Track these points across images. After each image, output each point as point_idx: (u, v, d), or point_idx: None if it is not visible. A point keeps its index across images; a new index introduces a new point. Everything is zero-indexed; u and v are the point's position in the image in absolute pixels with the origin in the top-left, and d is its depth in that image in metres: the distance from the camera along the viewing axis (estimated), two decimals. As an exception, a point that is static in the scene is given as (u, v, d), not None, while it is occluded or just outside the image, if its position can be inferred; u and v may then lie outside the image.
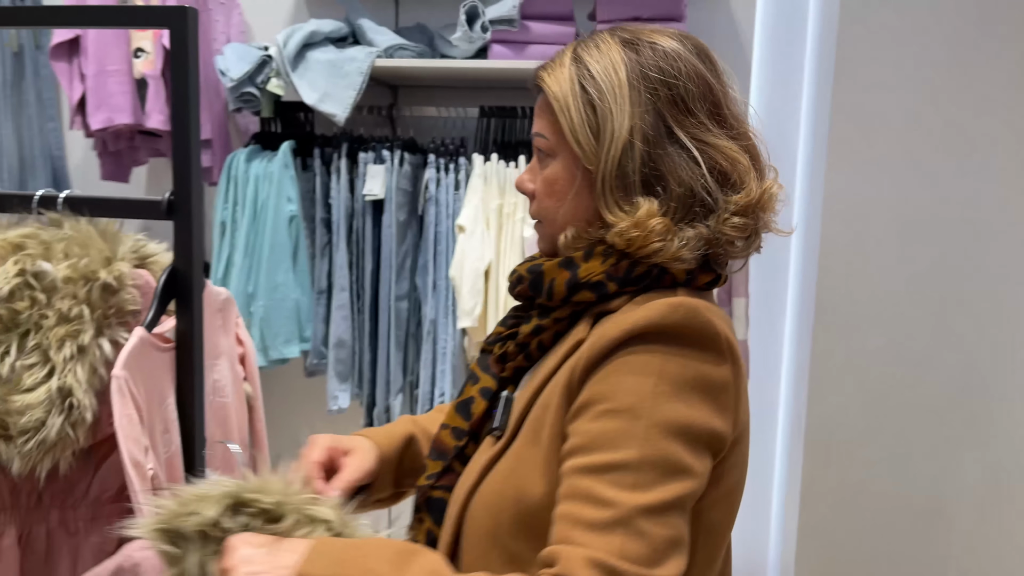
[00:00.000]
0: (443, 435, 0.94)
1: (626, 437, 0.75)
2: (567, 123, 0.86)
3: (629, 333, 0.79)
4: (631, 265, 0.85)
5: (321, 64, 2.17)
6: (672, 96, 0.85)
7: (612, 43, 0.87)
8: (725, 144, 0.86)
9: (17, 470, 0.91)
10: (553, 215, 0.90)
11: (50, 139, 2.68)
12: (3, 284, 0.94)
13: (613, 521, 0.72)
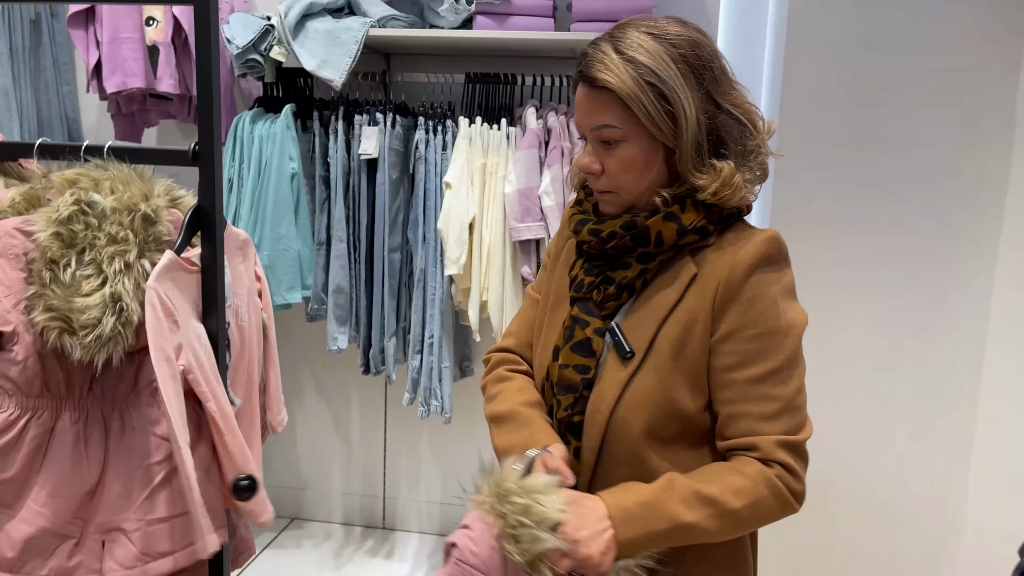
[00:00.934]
0: (566, 372, 1.10)
1: (773, 351, 1.03)
2: (645, 115, 1.02)
3: (752, 266, 1.04)
4: (720, 210, 1.07)
5: (319, 33, 2.36)
6: (712, 76, 1.05)
7: (648, 39, 1.04)
8: (744, 100, 1.08)
9: (78, 357, 1.12)
10: (633, 187, 1.08)
11: (65, 102, 2.86)
12: (63, 210, 1.15)
13: (780, 410, 1.03)
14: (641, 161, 1.07)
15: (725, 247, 1.07)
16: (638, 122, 1.04)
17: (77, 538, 1.19)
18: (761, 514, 1.03)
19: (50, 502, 1.16)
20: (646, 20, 1.08)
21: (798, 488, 1.03)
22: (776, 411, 1.03)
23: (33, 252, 1.15)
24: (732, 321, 1.04)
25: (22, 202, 1.23)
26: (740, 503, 1.00)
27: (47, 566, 1.16)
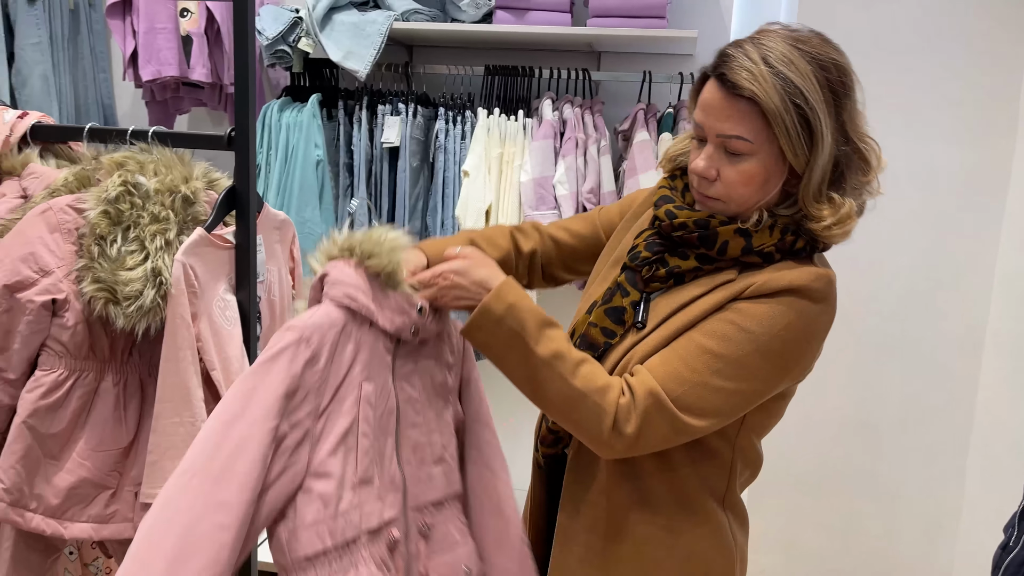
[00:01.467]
0: (592, 332, 1.13)
1: (735, 344, 1.02)
2: (784, 136, 0.99)
3: (787, 286, 1.02)
4: (795, 240, 1.05)
5: (345, 26, 2.46)
6: (849, 106, 1.02)
7: (796, 54, 0.99)
8: (868, 135, 1.05)
9: (121, 326, 1.23)
10: (745, 201, 1.05)
11: (102, 89, 2.98)
12: (111, 190, 1.25)
13: (687, 379, 1.01)
14: (762, 178, 1.04)
15: (777, 267, 1.05)
16: (773, 140, 1.00)
17: (114, 489, 1.30)
18: (578, 411, 1.02)
19: (91, 456, 1.27)
20: (791, 31, 1.03)
21: (624, 428, 1.01)
22: (682, 376, 1.02)
23: (83, 228, 1.26)
24: (734, 308, 1.05)
25: (74, 181, 1.34)
26: (577, 383, 1.02)
27: (87, 513, 1.28)
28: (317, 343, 1.02)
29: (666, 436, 1.04)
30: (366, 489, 1.05)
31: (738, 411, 1.07)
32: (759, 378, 1.04)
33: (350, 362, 1.05)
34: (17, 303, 1.21)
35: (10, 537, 1.28)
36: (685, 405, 1.02)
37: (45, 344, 1.25)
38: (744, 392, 1.04)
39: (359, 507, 1.04)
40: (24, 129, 1.42)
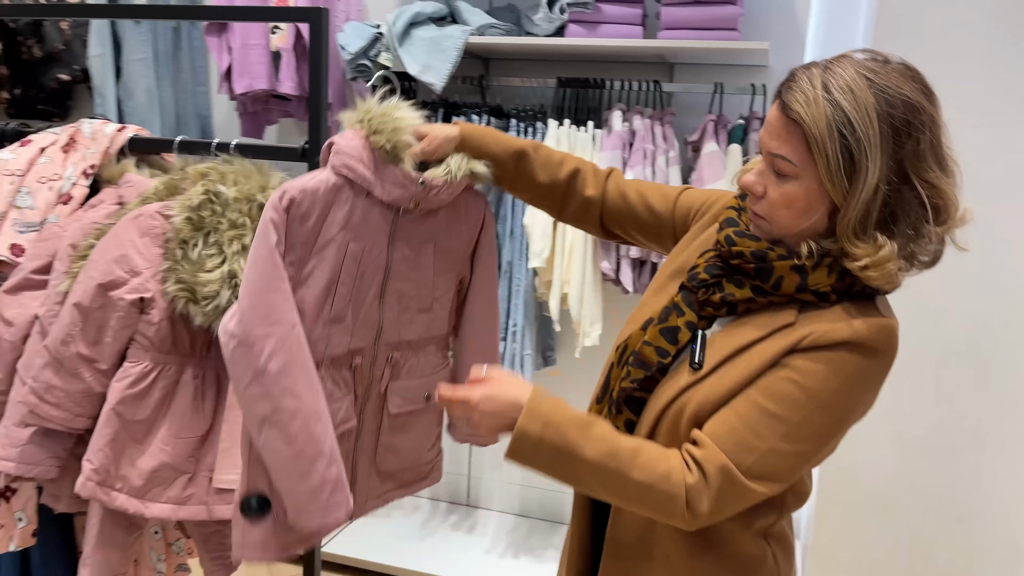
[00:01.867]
0: (647, 351, 1.12)
1: (798, 408, 1.00)
2: (823, 163, 0.96)
3: (845, 340, 1.00)
4: (853, 282, 1.02)
5: (423, 40, 2.55)
6: (914, 148, 0.96)
7: (863, 87, 0.96)
8: (944, 185, 0.98)
9: (199, 323, 1.34)
10: (787, 225, 1.04)
11: (200, 101, 3.18)
12: (194, 198, 1.36)
13: (756, 447, 1.00)
14: (804, 204, 1.02)
15: (836, 314, 1.03)
16: (815, 165, 0.98)
17: (191, 473, 1.41)
18: (648, 503, 1.03)
19: (172, 442, 1.39)
20: (873, 59, 1.01)
21: (698, 508, 1.01)
22: (751, 444, 1.01)
23: (169, 233, 1.37)
24: (789, 361, 1.03)
25: (164, 190, 1.46)
26: (639, 476, 1.01)
27: (166, 495, 1.39)
28: (307, 204, 1.20)
29: (737, 506, 1.04)
30: (337, 326, 1.27)
31: (804, 469, 1.07)
32: (823, 435, 1.03)
33: (342, 224, 1.23)
34: (110, 300, 1.33)
35: (97, 514, 1.40)
36: (756, 475, 1.01)
37: (133, 338, 1.37)
38: (810, 452, 1.04)
39: (326, 338, 1.26)
40: (123, 142, 1.56)
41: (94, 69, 2.91)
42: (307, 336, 1.21)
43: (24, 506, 1.48)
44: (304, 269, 1.22)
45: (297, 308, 1.20)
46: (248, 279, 1.18)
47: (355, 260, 1.25)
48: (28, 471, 1.37)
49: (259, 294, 1.16)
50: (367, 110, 1.23)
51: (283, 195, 1.18)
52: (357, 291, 1.27)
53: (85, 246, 1.39)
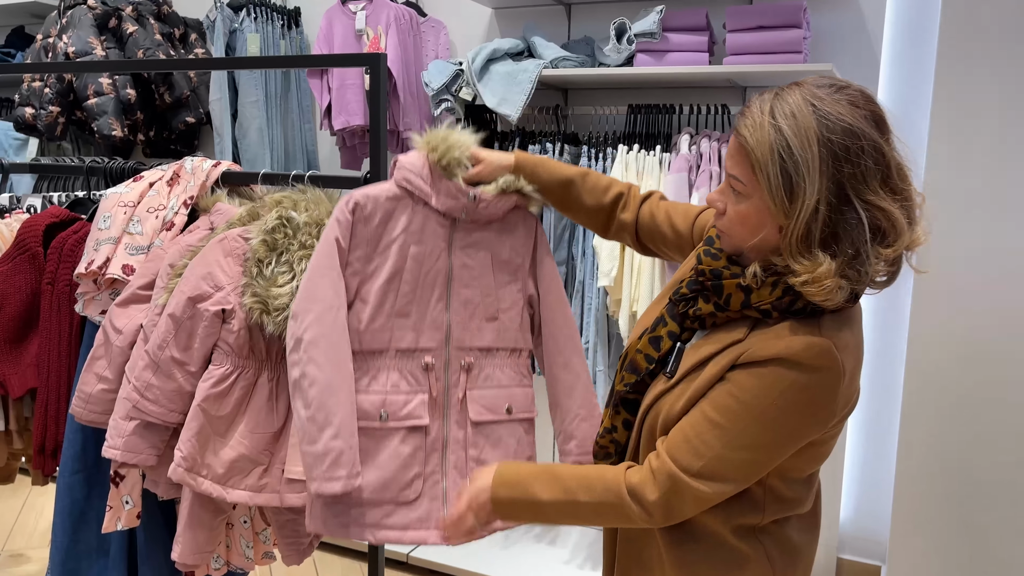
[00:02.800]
0: (638, 358, 1.24)
1: (740, 418, 1.09)
2: (765, 183, 1.03)
3: (776, 356, 1.06)
4: (794, 300, 1.08)
5: (500, 75, 2.73)
6: (854, 172, 1.01)
7: (806, 112, 1.02)
8: (889, 207, 1.02)
9: (270, 331, 1.53)
10: (741, 239, 1.12)
11: (307, 138, 3.48)
12: (269, 223, 1.56)
13: (704, 452, 1.10)
14: (755, 222, 1.09)
15: (776, 331, 1.09)
16: (760, 186, 1.05)
17: (266, 465, 1.60)
18: (606, 515, 1.16)
19: (249, 436, 1.58)
20: (822, 86, 1.06)
21: (645, 499, 1.12)
22: (698, 451, 1.10)
23: (248, 253, 1.58)
24: (732, 376, 1.11)
25: (246, 216, 1.67)
26: (586, 498, 1.16)
27: (244, 483, 1.58)
28: (371, 208, 1.41)
29: (695, 503, 1.13)
30: (401, 320, 1.43)
31: (756, 474, 1.13)
32: (766, 446, 1.10)
33: (403, 227, 1.42)
34: (197, 311, 1.55)
35: (188, 498, 1.61)
36: (706, 477, 1.10)
37: (216, 345, 1.57)
38: (756, 460, 1.11)
39: (390, 329, 1.43)
40: (217, 175, 1.79)
41: (214, 112, 3.26)
42: (371, 324, 1.40)
43: (131, 491, 1.71)
44: (370, 265, 1.41)
45: (363, 298, 1.40)
46: (308, 266, 1.40)
47: (417, 261, 1.42)
48: (131, 458, 1.59)
49: (310, 277, 1.38)
50: (434, 135, 1.42)
51: (349, 199, 1.41)
52: (420, 290, 1.43)
53: (181, 265, 1.62)
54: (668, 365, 1.21)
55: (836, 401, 1.09)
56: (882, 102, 1.08)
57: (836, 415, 1.11)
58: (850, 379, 1.10)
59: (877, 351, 2.80)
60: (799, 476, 1.20)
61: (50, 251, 1.84)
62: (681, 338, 1.22)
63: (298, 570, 3.02)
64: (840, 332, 1.09)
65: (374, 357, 1.43)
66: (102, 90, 3.19)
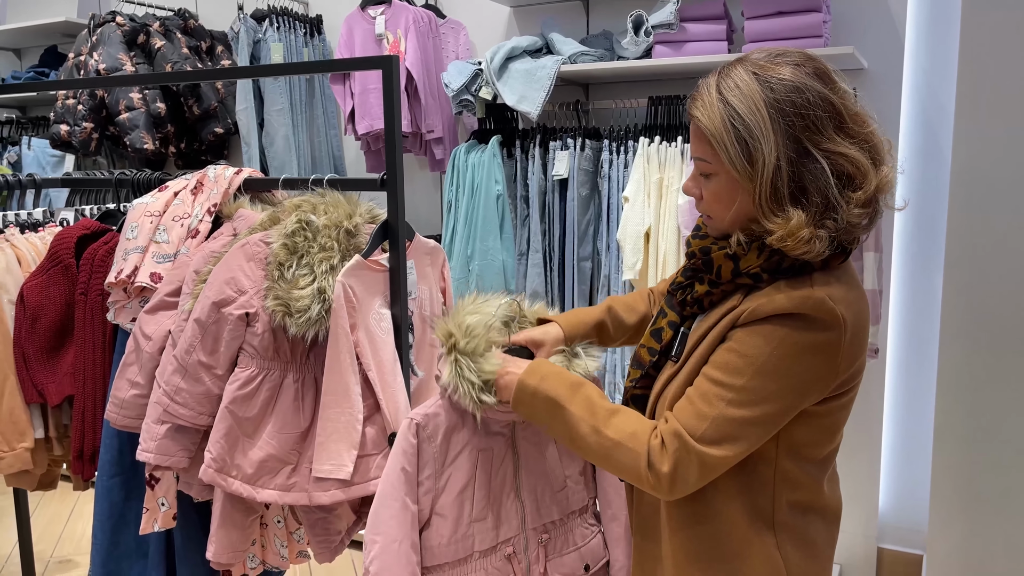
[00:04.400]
0: (641, 352, 1.27)
1: (740, 374, 1.09)
2: (725, 155, 1.08)
3: (772, 312, 1.08)
4: (780, 260, 1.10)
5: (519, 72, 2.74)
6: (805, 123, 1.05)
7: (748, 81, 1.07)
8: (848, 151, 1.06)
9: (293, 333, 1.55)
10: (720, 218, 1.15)
11: (333, 143, 3.52)
12: (289, 227, 1.59)
13: (706, 415, 1.10)
14: (727, 196, 1.13)
15: (769, 291, 1.11)
16: (721, 159, 1.09)
17: (294, 464, 1.62)
18: (615, 458, 1.15)
19: (277, 436, 1.61)
20: (762, 57, 1.11)
21: (660, 469, 1.11)
22: (702, 412, 1.10)
23: (270, 257, 1.61)
24: (729, 338, 1.13)
25: (268, 221, 1.70)
26: (610, 433, 1.15)
27: (273, 483, 1.61)
28: (432, 427, 1.36)
29: (701, 471, 1.11)
30: (480, 524, 1.41)
31: (761, 437, 1.12)
32: (771, 400, 1.09)
33: (467, 439, 1.39)
34: (222, 316, 1.58)
35: (219, 498, 1.65)
36: (710, 440, 1.10)
37: (241, 347, 1.60)
38: (760, 418, 1.10)
39: (472, 536, 1.41)
40: (239, 182, 1.83)
41: (241, 122, 3.32)
42: (453, 535, 1.38)
43: (166, 493, 1.75)
44: (441, 480, 1.38)
45: (440, 512, 1.37)
46: (377, 491, 1.37)
47: (485, 467, 1.41)
48: (164, 461, 1.63)
49: (376, 506, 1.35)
50: (457, 360, 1.33)
51: (410, 422, 1.36)
52: (493, 492, 1.42)
53: (206, 272, 1.65)
54: (672, 350, 1.22)
55: (839, 356, 1.09)
56: (824, 59, 1.12)
57: (839, 373, 1.11)
58: (852, 335, 1.10)
59: (909, 337, 2.75)
60: (810, 456, 1.18)
61: (82, 262, 1.90)
62: (683, 325, 1.23)
63: (336, 570, 3.06)
64: (832, 286, 1.10)
65: (460, 564, 1.41)
66: (133, 105, 3.27)
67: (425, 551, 1.38)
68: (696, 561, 1.21)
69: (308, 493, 1.63)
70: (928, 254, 2.67)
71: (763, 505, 1.18)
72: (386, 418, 1.62)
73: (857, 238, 1.13)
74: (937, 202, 2.62)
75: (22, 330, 1.92)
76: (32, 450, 1.99)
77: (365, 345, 1.61)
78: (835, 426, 1.18)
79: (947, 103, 2.53)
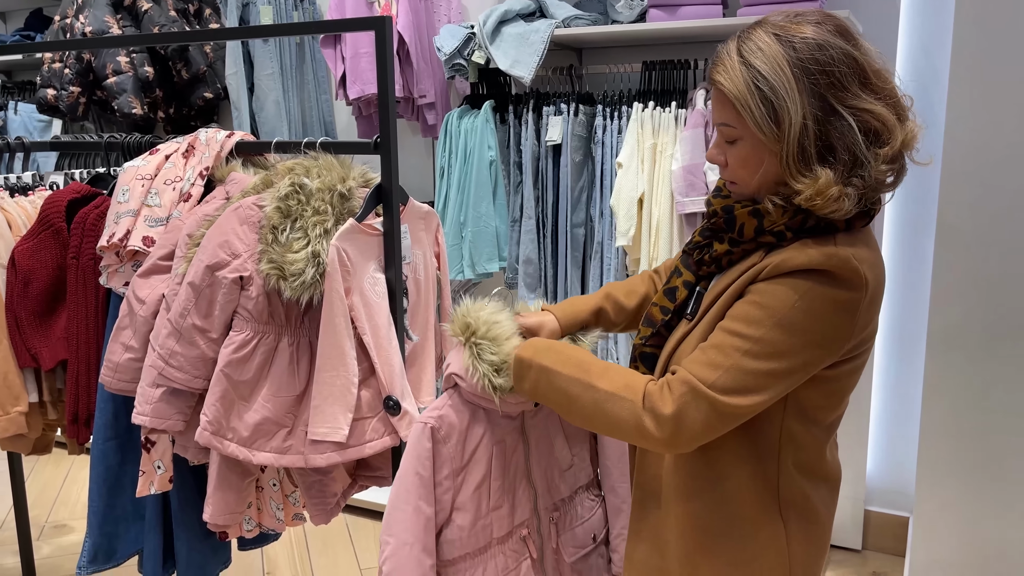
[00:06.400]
0: (653, 311, 1.26)
1: (759, 324, 1.07)
2: (750, 117, 1.06)
3: (796, 267, 1.07)
4: (804, 218, 1.09)
5: (512, 36, 2.71)
6: (830, 80, 1.05)
7: (770, 42, 1.06)
8: (874, 107, 1.06)
9: (287, 296, 1.55)
10: (747, 183, 1.14)
11: (324, 109, 3.49)
12: (282, 190, 1.58)
13: (722, 364, 1.08)
14: (754, 160, 1.11)
15: (794, 247, 1.10)
16: (747, 122, 1.08)
17: (290, 427, 1.63)
18: (611, 410, 1.14)
19: (272, 400, 1.62)
20: (781, 19, 1.11)
21: (660, 410, 1.09)
22: (716, 362, 1.09)
23: (263, 220, 1.60)
24: (750, 291, 1.12)
25: (260, 184, 1.69)
26: (603, 385, 1.15)
27: (269, 445, 1.62)
28: (445, 429, 1.37)
29: (709, 419, 1.09)
30: (497, 512, 1.44)
31: (774, 390, 1.10)
32: (788, 354, 1.08)
33: (480, 435, 1.40)
34: (216, 279, 1.57)
35: (215, 461, 1.66)
36: (722, 388, 1.08)
37: (236, 311, 1.60)
38: (778, 371, 1.08)
39: (490, 525, 1.43)
40: (231, 146, 1.81)
41: (231, 86, 3.28)
42: (473, 527, 1.40)
43: (162, 456, 1.76)
44: (459, 478, 1.39)
45: (459, 507, 1.39)
46: (391, 492, 1.37)
47: (500, 459, 1.43)
48: (160, 424, 1.64)
49: (390, 508, 1.36)
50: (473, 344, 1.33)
51: (424, 427, 1.36)
52: (507, 480, 1.45)
53: (199, 235, 1.64)
54: (688, 308, 1.22)
55: (857, 316, 1.09)
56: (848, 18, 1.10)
57: (855, 335, 1.10)
58: (871, 298, 1.10)
59: (899, 299, 2.77)
60: (816, 419, 1.19)
61: (73, 226, 1.88)
62: (699, 285, 1.23)
63: (331, 533, 3.09)
64: (856, 247, 1.09)
65: (481, 552, 1.43)
66: (121, 68, 3.23)
67: (447, 544, 1.39)
68: (704, 534, 1.21)
69: (304, 456, 1.63)
70: (919, 219, 2.68)
71: (769, 471, 1.18)
72: (381, 382, 1.63)
73: (880, 199, 1.13)
74: (931, 167, 2.62)
75: (14, 294, 1.92)
76: (26, 414, 1.99)
77: (360, 309, 1.62)
78: (843, 391, 1.18)
79: (942, 67, 2.52)
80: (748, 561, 1.20)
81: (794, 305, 1.07)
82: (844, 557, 2.88)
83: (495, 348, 1.31)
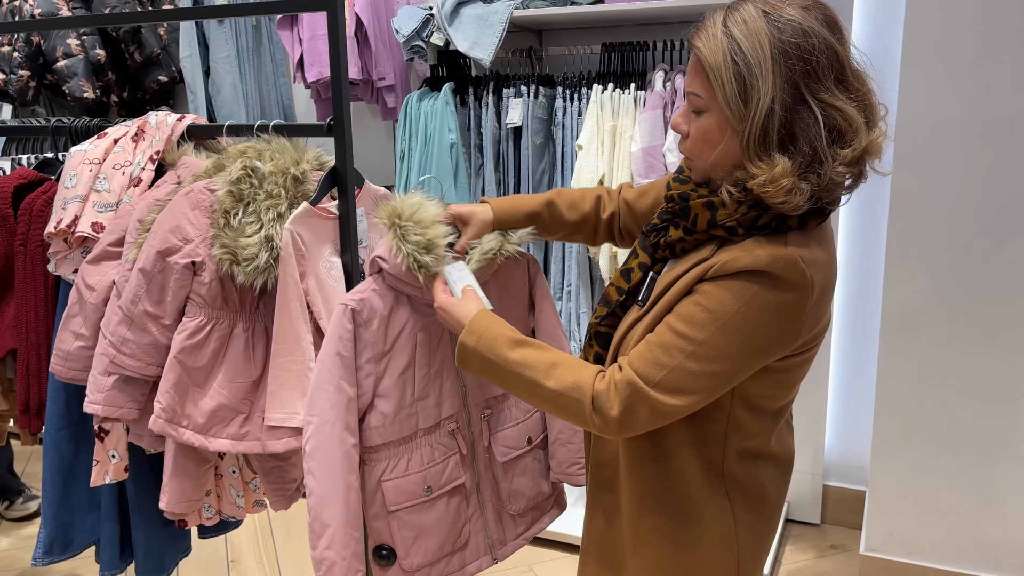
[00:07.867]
0: (610, 290, 1.26)
1: (703, 327, 1.08)
2: (720, 90, 1.04)
3: (741, 268, 1.06)
4: (757, 215, 1.08)
5: (471, 18, 2.69)
6: (806, 69, 1.02)
7: (756, 17, 1.04)
8: (845, 106, 1.04)
9: (240, 281, 1.53)
10: (704, 159, 1.12)
11: (282, 92, 3.44)
12: (234, 173, 1.56)
13: (664, 364, 1.09)
14: (715, 135, 1.09)
15: (743, 246, 1.09)
16: (716, 95, 1.06)
17: (246, 414, 1.62)
18: (561, 407, 1.15)
19: (228, 386, 1.60)
20: None
21: (607, 413, 1.10)
22: (660, 361, 1.09)
23: (215, 205, 1.57)
24: (697, 289, 1.11)
25: (212, 168, 1.67)
26: (552, 384, 1.14)
27: (226, 432, 1.60)
28: (367, 312, 1.38)
29: (651, 417, 1.11)
30: (422, 402, 1.46)
31: (716, 390, 1.11)
32: (729, 358, 1.08)
33: (404, 320, 1.42)
34: (167, 265, 1.55)
35: (171, 449, 1.63)
36: (666, 388, 1.09)
37: (189, 296, 1.58)
38: (718, 373, 1.09)
39: (415, 415, 1.46)
40: (182, 129, 1.78)
41: (185, 69, 3.22)
42: (396, 414, 1.42)
43: (116, 445, 1.73)
44: (381, 363, 1.41)
45: (382, 394, 1.41)
46: (313, 374, 1.40)
47: (425, 346, 1.44)
48: (113, 412, 1.61)
49: (312, 389, 1.39)
50: (398, 226, 1.37)
51: (345, 308, 1.38)
52: (433, 370, 1.46)
53: (149, 220, 1.62)
54: (639, 294, 1.22)
55: (803, 317, 1.09)
56: (835, 8, 1.09)
57: (802, 334, 1.11)
58: (818, 298, 1.09)
59: (853, 280, 2.82)
60: (764, 407, 1.20)
61: (20, 213, 1.84)
62: (653, 269, 1.23)
63: (295, 519, 3.08)
64: (807, 248, 1.09)
65: (405, 442, 1.46)
66: (71, 51, 3.15)
67: (370, 431, 1.42)
68: (652, 504, 1.23)
69: (261, 442, 1.62)
70: (872, 194, 2.72)
71: (715, 454, 1.20)
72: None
73: (837, 200, 1.12)
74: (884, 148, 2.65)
75: (-40, 283, 1.87)
76: (-24, 405, 1.95)
77: (316, 293, 1.60)
78: (792, 381, 1.19)
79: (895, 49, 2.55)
80: (696, 539, 1.22)
81: (737, 311, 1.07)
82: (803, 531, 2.93)
83: (420, 230, 1.34)
